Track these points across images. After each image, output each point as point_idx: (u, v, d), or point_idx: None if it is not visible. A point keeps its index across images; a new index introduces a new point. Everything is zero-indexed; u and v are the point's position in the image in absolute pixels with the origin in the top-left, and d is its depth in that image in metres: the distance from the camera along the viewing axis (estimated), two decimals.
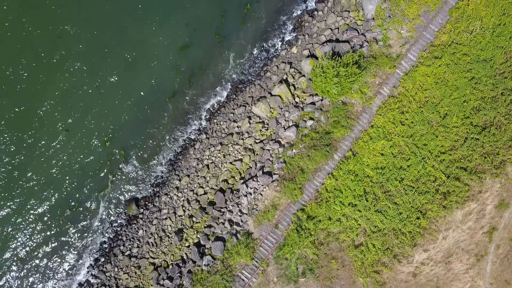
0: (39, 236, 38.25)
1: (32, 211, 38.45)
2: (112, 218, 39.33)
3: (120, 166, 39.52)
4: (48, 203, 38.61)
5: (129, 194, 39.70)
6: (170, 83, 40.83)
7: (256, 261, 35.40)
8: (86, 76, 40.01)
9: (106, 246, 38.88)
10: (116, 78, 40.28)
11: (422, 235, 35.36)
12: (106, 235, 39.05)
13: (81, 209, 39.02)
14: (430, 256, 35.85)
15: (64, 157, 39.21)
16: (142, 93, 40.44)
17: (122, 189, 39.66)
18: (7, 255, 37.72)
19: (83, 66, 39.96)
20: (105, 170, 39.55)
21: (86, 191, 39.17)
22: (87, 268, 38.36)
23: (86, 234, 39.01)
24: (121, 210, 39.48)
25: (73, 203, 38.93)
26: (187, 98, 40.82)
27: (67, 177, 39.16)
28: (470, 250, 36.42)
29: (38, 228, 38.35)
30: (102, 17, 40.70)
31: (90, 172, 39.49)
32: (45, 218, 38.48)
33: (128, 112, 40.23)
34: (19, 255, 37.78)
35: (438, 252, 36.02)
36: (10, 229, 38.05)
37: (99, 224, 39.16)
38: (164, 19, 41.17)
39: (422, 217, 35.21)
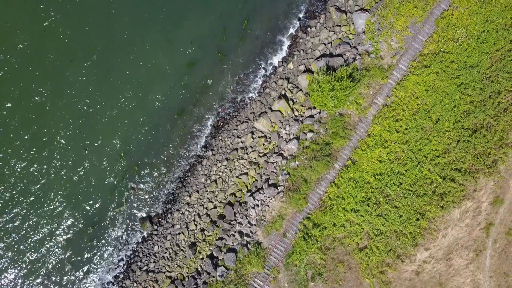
0: (59, 255, 40.31)
1: (50, 231, 40.51)
2: (128, 235, 41.40)
3: (134, 185, 41.60)
4: (66, 222, 40.72)
5: (143, 211, 41.80)
6: (178, 101, 42.90)
7: (267, 269, 37.47)
8: (99, 97, 42.03)
9: (124, 262, 40.97)
10: (128, 97, 42.31)
11: (423, 235, 37.41)
12: (123, 252, 41.14)
13: (98, 227, 41.12)
14: (431, 254, 37.89)
15: (80, 177, 41.29)
16: (152, 111, 42.48)
17: (136, 207, 41.77)
18: (26, 272, 39.79)
19: (96, 88, 41.95)
20: (121, 189, 41.68)
21: (103, 210, 41.31)
22: (107, 284, 40.46)
23: (104, 252, 41.10)
24: (136, 227, 41.56)
25: (90, 222, 41.03)
26: (193, 115, 42.95)
27: (84, 197, 41.32)
28: (469, 246, 38.45)
29: (56, 247, 40.42)
30: (111, 39, 42.65)
31: (106, 191, 41.64)
32: (63, 237, 40.57)
33: (140, 130, 42.35)
34: (39, 273, 39.82)
35: (439, 250, 38.06)
36: (29, 248, 40.10)
37: (116, 241, 41.25)
38: (169, 37, 43.08)
39: (422, 218, 37.25)
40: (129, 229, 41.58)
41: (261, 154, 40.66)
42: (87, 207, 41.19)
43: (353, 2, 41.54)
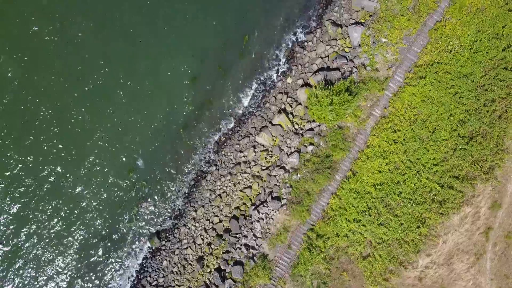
0: (68, 272, 41.33)
1: (59, 248, 41.53)
2: (137, 251, 42.48)
3: (142, 201, 42.65)
4: (75, 240, 41.70)
5: (151, 227, 42.86)
6: (182, 115, 43.82)
7: (274, 281, 38.54)
8: (105, 114, 42.98)
9: (134, 278, 42.05)
10: (133, 113, 43.26)
11: (424, 242, 38.48)
12: (133, 267, 42.20)
13: (108, 244, 42.17)
14: (433, 260, 38.97)
15: (89, 193, 42.31)
16: (158, 126, 43.46)
17: (145, 223, 42.84)
18: None
19: (101, 105, 42.91)
20: (129, 205, 42.71)
21: (113, 226, 42.32)
22: None
23: (114, 268, 42.17)
24: (145, 243, 42.63)
25: (100, 239, 42.06)
26: (197, 131, 43.97)
27: (94, 213, 42.30)
28: (469, 251, 39.52)
29: (66, 264, 41.43)
30: (114, 55, 43.46)
31: (116, 207, 42.64)
32: (72, 255, 41.57)
33: (146, 146, 43.28)
34: None
35: (440, 256, 39.14)
36: (40, 264, 41.14)
37: (126, 257, 42.32)
38: (172, 52, 43.96)
39: (422, 225, 38.31)
40: (138, 244, 42.64)
41: (263, 168, 41.69)
42: (97, 224, 42.25)
43: (348, 15, 42.54)
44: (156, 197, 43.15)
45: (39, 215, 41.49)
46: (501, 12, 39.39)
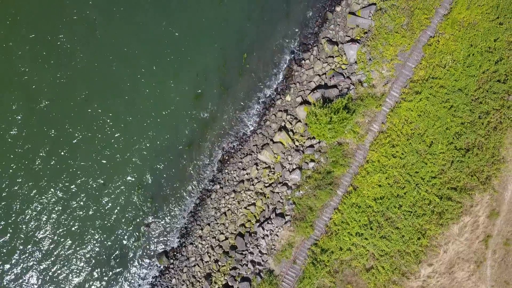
0: None
1: (68, 268, 42.65)
2: (146, 269, 43.61)
3: (149, 220, 43.77)
4: (83, 259, 42.79)
5: (159, 246, 43.98)
6: (186, 134, 44.87)
7: None
8: (112, 134, 44.15)
9: None
10: (140, 132, 44.39)
11: (425, 252, 39.60)
12: (143, 287, 43.30)
13: (117, 263, 43.27)
14: (434, 269, 40.09)
15: (97, 212, 43.40)
16: (163, 145, 44.57)
17: (153, 242, 43.96)
18: None
19: (110, 124, 44.10)
20: (137, 224, 43.83)
21: (121, 245, 43.40)
22: None
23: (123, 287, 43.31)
24: (154, 262, 43.75)
25: (108, 258, 43.16)
26: (201, 149, 45.04)
27: (102, 232, 43.39)
28: (469, 259, 40.64)
29: (73, 283, 42.49)
30: (119, 76, 44.47)
31: (124, 226, 43.75)
32: (81, 274, 42.67)
33: (152, 165, 44.35)
34: None
35: (441, 265, 40.26)
36: (48, 285, 42.26)
37: (135, 276, 43.43)
38: (177, 71, 45.00)
39: (423, 237, 39.41)
40: (147, 263, 43.76)
41: (266, 185, 42.76)
42: (105, 243, 43.36)
43: (343, 33, 43.54)
44: (163, 216, 44.26)
45: (49, 235, 42.56)
46: (492, 26, 40.37)
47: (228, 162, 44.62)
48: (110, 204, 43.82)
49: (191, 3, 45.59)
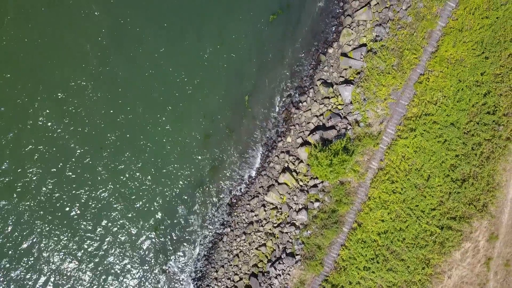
0: None
1: None
2: None
3: (167, 266, 45.82)
4: None
5: None
6: (196, 179, 46.71)
7: None
8: (128, 180, 46.13)
9: None
10: (154, 178, 46.32)
11: (430, 280, 41.75)
12: None
13: None
14: None
15: (116, 257, 45.49)
16: (174, 190, 46.41)
17: (172, 286, 46.07)
18: None
19: (123, 170, 45.99)
20: (156, 269, 45.86)
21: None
22: None
23: None
24: None
25: None
26: (209, 194, 46.96)
27: (119, 275, 45.43)
28: (473, 282, 42.83)
29: None
30: (132, 117, 46.27)
31: (139, 271, 45.81)
32: None
33: (165, 210, 46.30)
34: None
35: None
36: None
37: None
38: (184, 113, 46.78)
39: (427, 266, 41.57)
40: None
41: (275, 225, 44.82)
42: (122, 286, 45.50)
43: (337, 74, 45.45)
44: (179, 261, 46.31)
45: (65, 278, 44.59)
46: (478, 61, 42.31)
47: (237, 205, 46.64)
48: (129, 247, 45.84)
49: (191, 45, 46.94)
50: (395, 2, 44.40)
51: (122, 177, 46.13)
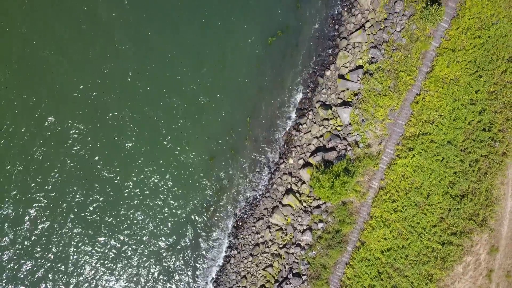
0: None
1: None
2: None
3: None
4: None
5: None
6: (202, 201, 48.08)
7: None
8: (139, 204, 47.66)
9: None
10: (161, 198, 47.73)
11: None
12: None
13: None
14: None
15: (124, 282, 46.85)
16: (181, 214, 47.76)
17: None
18: None
19: (138, 194, 47.53)
20: None
21: None
22: None
23: None
24: None
25: None
26: (215, 217, 48.26)
27: None
28: None
29: None
30: (137, 151, 47.64)
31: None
32: None
33: (173, 235, 47.74)
34: None
35: None
36: None
37: None
38: (189, 136, 48.09)
39: (430, 281, 42.73)
40: None
41: (281, 246, 45.98)
42: None
43: (335, 96, 46.55)
44: (188, 285, 47.50)
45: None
46: (472, 79, 43.40)
47: (242, 227, 47.80)
48: (132, 278, 47.13)
49: (193, 67, 48.24)
50: (389, 24, 45.47)
51: (137, 203, 47.56)
